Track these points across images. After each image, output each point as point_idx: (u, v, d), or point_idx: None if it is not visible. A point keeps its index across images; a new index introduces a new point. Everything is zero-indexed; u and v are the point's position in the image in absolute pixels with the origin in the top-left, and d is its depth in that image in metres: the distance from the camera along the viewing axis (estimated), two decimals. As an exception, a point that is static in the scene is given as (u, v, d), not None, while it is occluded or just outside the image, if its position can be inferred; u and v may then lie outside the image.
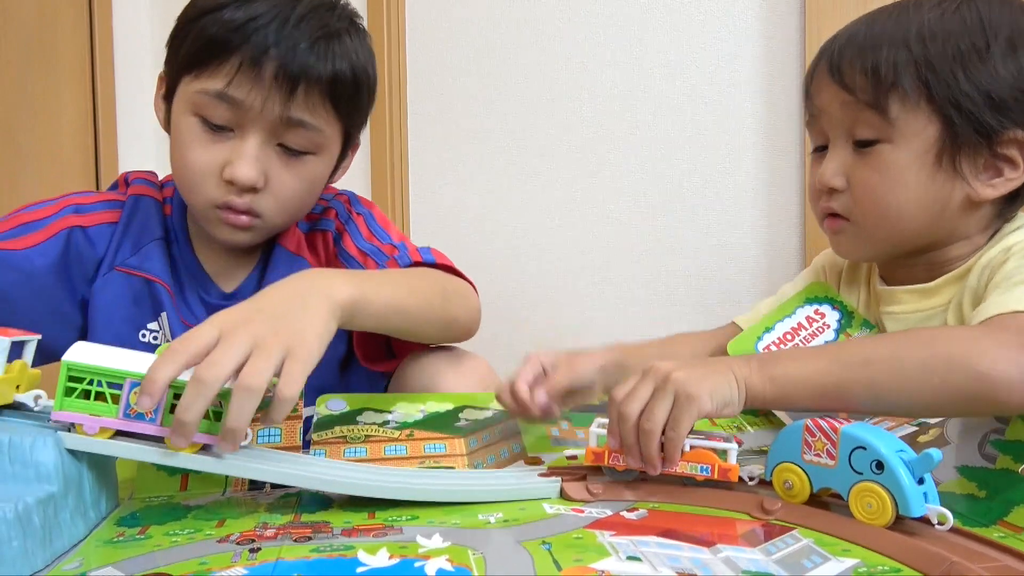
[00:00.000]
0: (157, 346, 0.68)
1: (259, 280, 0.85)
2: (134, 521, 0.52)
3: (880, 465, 0.47)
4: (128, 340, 0.80)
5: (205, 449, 0.52)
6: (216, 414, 0.51)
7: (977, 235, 0.73)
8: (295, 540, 0.46)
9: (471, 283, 0.82)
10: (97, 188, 1.47)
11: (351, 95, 0.77)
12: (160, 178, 0.88)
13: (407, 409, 0.69)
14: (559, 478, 0.58)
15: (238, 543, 0.46)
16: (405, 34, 1.48)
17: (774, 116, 1.36)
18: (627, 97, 1.41)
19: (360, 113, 0.83)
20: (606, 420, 0.58)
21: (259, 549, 0.45)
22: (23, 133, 1.34)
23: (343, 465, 0.59)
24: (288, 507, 0.54)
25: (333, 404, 0.69)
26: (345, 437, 0.64)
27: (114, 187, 0.88)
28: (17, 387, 0.52)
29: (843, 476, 0.49)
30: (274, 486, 0.59)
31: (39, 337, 0.54)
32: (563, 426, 0.72)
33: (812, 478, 0.51)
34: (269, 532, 0.48)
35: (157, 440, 0.51)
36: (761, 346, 0.76)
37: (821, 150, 0.76)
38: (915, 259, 0.75)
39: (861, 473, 0.48)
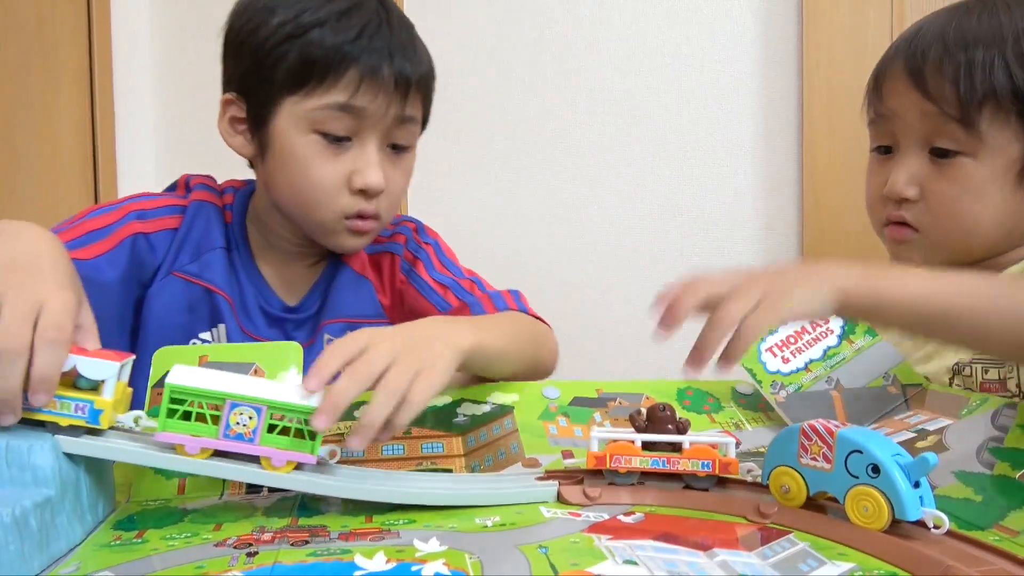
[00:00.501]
0: None
1: (323, 296, 0.86)
2: (131, 525, 0.51)
3: (876, 469, 0.47)
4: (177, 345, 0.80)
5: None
6: (299, 432, 0.53)
7: None
8: (292, 544, 0.46)
9: (549, 325, 0.86)
10: (95, 190, 1.47)
11: (433, 84, 0.83)
12: (219, 183, 0.88)
13: None
14: (556, 482, 0.58)
15: (235, 547, 0.46)
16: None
17: (772, 118, 1.36)
18: (625, 99, 1.41)
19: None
20: (608, 425, 0.59)
21: (256, 553, 0.45)
22: (21, 136, 1.34)
23: (341, 469, 0.59)
24: (285, 511, 0.54)
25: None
26: (343, 435, 0.64)
27: (172, 188, 0.87)
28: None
29: (839, 480, 0.49)
30: (271, 489, 0.59)
31: (134, 357, 0.54)
32: (561, 423, 0.72)
33: (808, 481, 0.51)
34: (266, 536, 0.48)
35: (252, 459, 0.52)
36: (764, 347, 0.76)
37: (885, 150, 0.74)
38: (973, 266, 0.73)
39: (857, 477, 0.48)
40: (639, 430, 0.59)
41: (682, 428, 0.58)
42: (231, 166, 1.58)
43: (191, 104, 1.59)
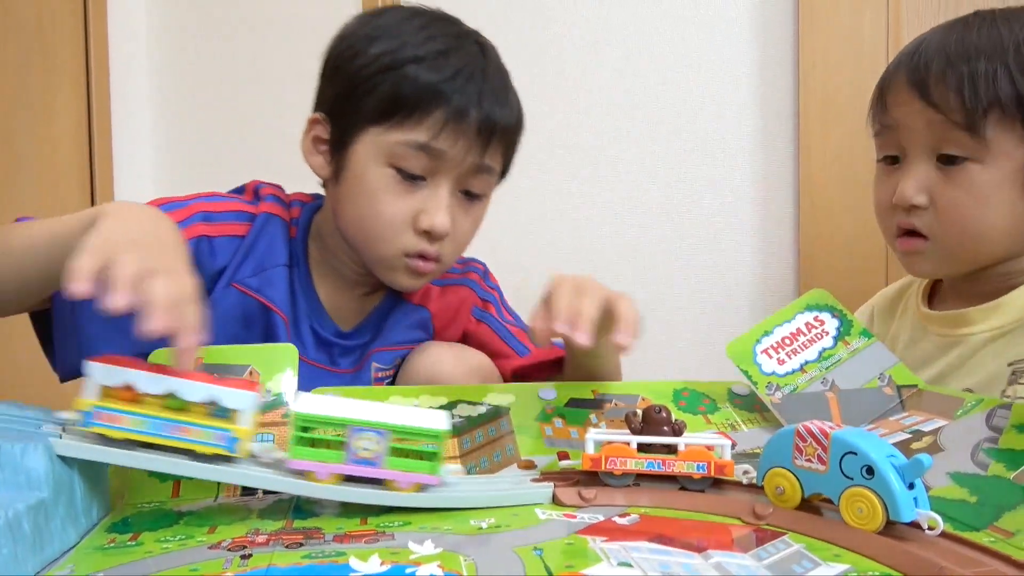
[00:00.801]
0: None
1: (378, 324, 0.85)
2: (125, 527, 0.51)
3: (870, 470, 0.47)
4: None
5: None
6: (419, 453, 0.54)
7: None
8: (287, 546, 0.46)
9: None
10: (92, 193, 1.46)
11: (518, 137, 0.83)
12: (288, 195, 0.87)
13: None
14: (552, 483, 0.58)
15: (229, 549, 0.46)
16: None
17: (769, 119, 1.36)
18: (622, 101, 1.41)
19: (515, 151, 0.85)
20: (603, 427, 0.59)
21: (251, 555, 0.44)
22: (19, 137, 1.34)
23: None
24: (280, 513, 0.54)
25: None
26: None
27: (239, 191, 0.86)
28: None
29: (834, 481, 0.49)
30: (266, 492, 0.59)
31: (260, 391, 0.56)
32: (557, 424, 0.72)
33: (803, 483, 0.51)
34: (261, 538, 0.48)
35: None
36: (759, 348, 0.76)
37: (892, 160, 0.74)
38: (983, 273, 0.73)
39: (852, 478, 0.48)
40: (635, 432, 0.59)
41: (678, 430, 0.58)
42: (229, 167, 1.58)
43: (189, 105, 1.59)
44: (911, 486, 0.47)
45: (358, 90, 0.76)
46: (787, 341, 0.77)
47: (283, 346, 0.67)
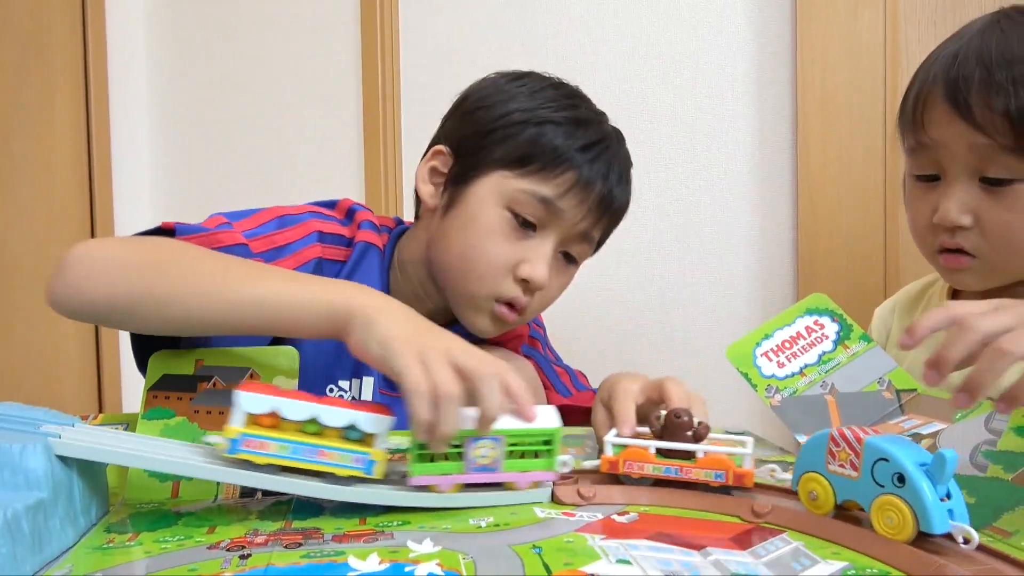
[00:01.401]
0: None
1: None
2: (124, 528, 0.51)
3: (902, 478, 0.45)
4: (313, 389, 0.75)
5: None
6: (531, 453, 0.56)
7: None
8: (286, 546, 0.46)
9: None
10: (91, 196, 1.47)
11: (621, 219, 0.86)
12: (378, 220, 0.87)
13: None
14: (551, 482, 0.58)
15: (228, 549, 0.46)
16: (399, 39, 1.48)
17: (767, 116, 1.36)
18: (620, 100, 1.41)
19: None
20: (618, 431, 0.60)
21: (249, 555, 0.44)
22: (16, 139, 1.34)
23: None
24: (279, 514, 0.54)
25: None
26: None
27: (329, 204, 0.86)
28: None
29: (866, 488, 0.47)
30: (265, 493, 0.59)
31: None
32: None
33: (836, 489, 0.49)
34: (260, 539, 0.48)
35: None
36: (759, 352, 0.76)
37: (930, 179, 0.72)
38: (1020, 286, 0.73)
39: (883, 486, 0.46)
40: (655, 435, 0.59)
41: (699, 436, 0.58)
42: (227, 167, 1.58)
43: (187, 107, 1.59)
44: (948, 496, 0.45)
45: (494, 135, 0.79)
46: (787, 344, 0.77)
47: (284, 348, 0.67)
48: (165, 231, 0.71)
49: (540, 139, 0.77)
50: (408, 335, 0.56)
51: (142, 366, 0.68)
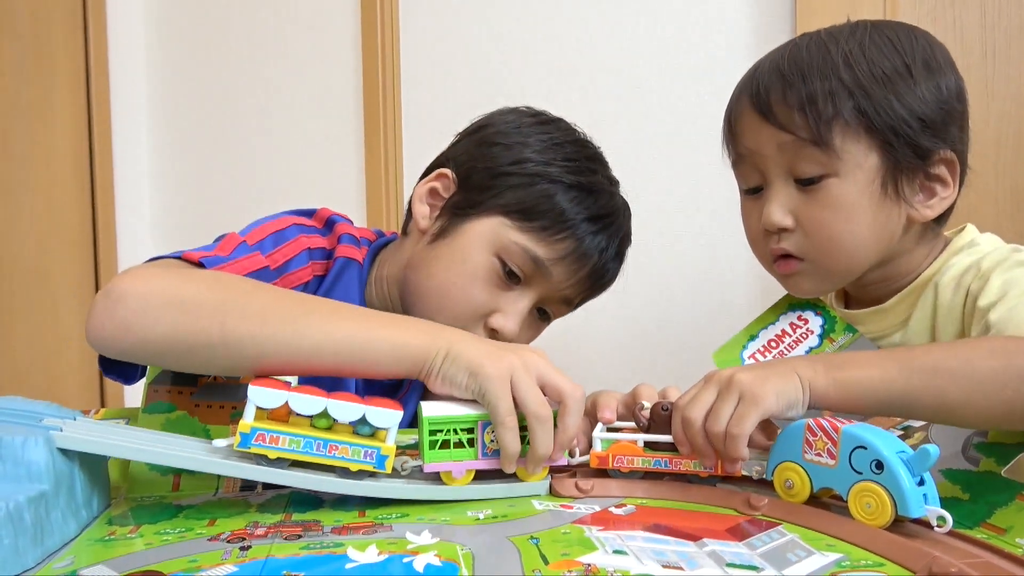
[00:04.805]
0: None
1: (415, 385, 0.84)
2: (125, 520, 0.52)
3: (880, 465, 0.47)
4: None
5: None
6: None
7: (914, 249, 0.74)
8: (285, 538, 0.47)
9: None
10: (92, 197, 1.47)
11: (599, 295, 0.85)
12: (358, 231, 0.85)
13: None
14: (548, 475, 0.58)
15: (229, 541, 0.46)
16: (399, 39, 1.49)
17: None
18: (619, 99, 1.42)
19: None
20: (606, 428, 0.60)
21: (249, 547, 0.45)
22: (17, 139, 1.34)
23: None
24: (279, 507, 0.54)
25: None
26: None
27: (306, 213, 0.84)
28: None
29: (843, 476, 0.49)
30: (266, 486, 0.59)
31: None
32: None
33: (813, 477, 0.51)
34: (260, 531, 0.48)
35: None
36: (746, 355, 0.77)
37: (755, 191, 0.75)
38: (870, 281, 0.75)
39: (861, 473, 0.48)
40: (642, 428, 0.59)
41: None
42: (227, 167, 1.58)
43: (187, 107, 1.60)
44: (921, 482, 0.47)
45: (505, 179, 0.77)
46: (773, 344, 0.77)
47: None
48: (188, 262, 0.68)
49: (549, 198, 0.76)
50: (492, 352, 0.57)
51: (107, 368, 0.65)
